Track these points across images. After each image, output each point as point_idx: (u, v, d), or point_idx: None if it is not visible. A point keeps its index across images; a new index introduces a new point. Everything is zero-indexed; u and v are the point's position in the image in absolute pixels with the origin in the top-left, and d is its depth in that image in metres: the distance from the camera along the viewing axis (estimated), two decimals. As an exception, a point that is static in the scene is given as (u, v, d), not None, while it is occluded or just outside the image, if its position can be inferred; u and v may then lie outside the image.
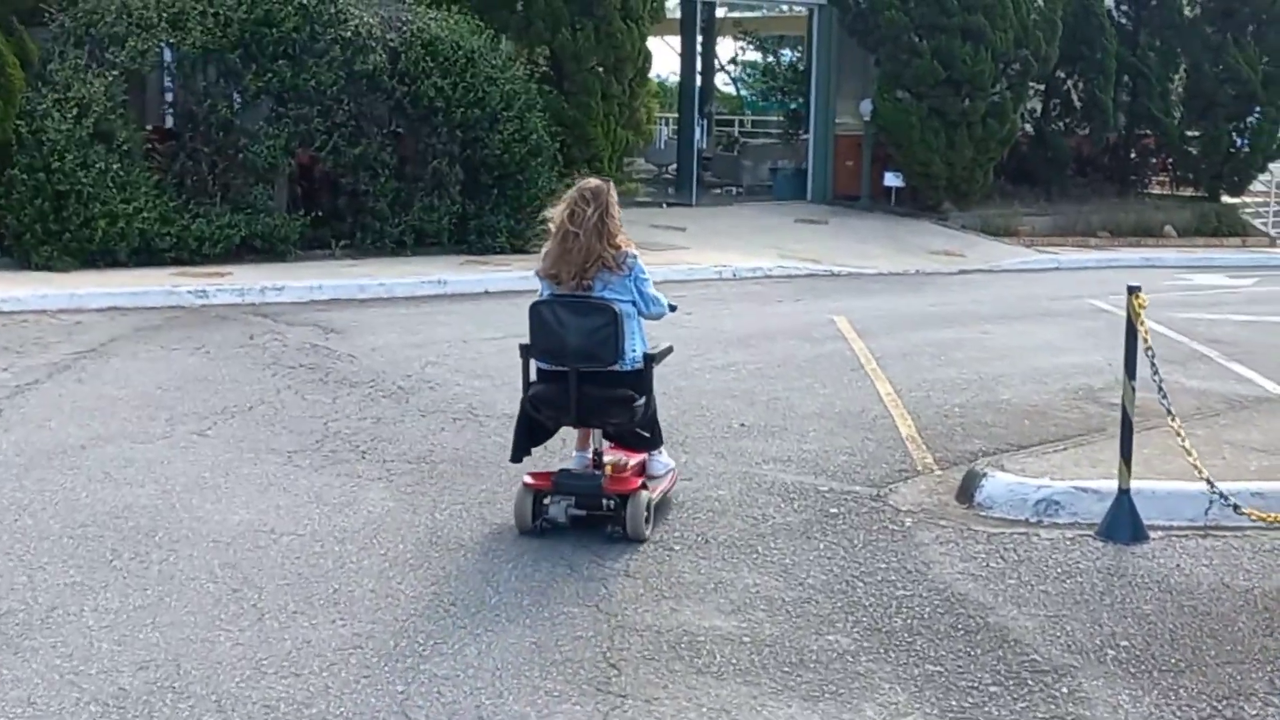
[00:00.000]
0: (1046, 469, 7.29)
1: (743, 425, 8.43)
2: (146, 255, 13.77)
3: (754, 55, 32.37)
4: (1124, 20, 24.97)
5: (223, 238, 14.17)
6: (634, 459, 6.39)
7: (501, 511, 6.46)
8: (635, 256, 6.08)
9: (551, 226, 6.10)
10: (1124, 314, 6.84)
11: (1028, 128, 23.60)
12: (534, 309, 6.00)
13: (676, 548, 6.12)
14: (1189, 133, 25.41)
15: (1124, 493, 6.52)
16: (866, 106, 22.16)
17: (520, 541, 6.11)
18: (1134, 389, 6.72)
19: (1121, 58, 24.16)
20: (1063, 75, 24.08)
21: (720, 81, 35.99)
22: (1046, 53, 21.82)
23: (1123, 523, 6.45)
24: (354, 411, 8.46)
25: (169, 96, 15.96)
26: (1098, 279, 17.73)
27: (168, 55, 15.05)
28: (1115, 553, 6.27)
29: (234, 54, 14.35)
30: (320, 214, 15.34)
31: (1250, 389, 9.96)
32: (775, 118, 28.06)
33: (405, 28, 15.28)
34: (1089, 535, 6.49)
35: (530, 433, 6.35)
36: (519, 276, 14.17)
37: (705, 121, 23.56)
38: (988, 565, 6.06)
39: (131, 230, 13.57)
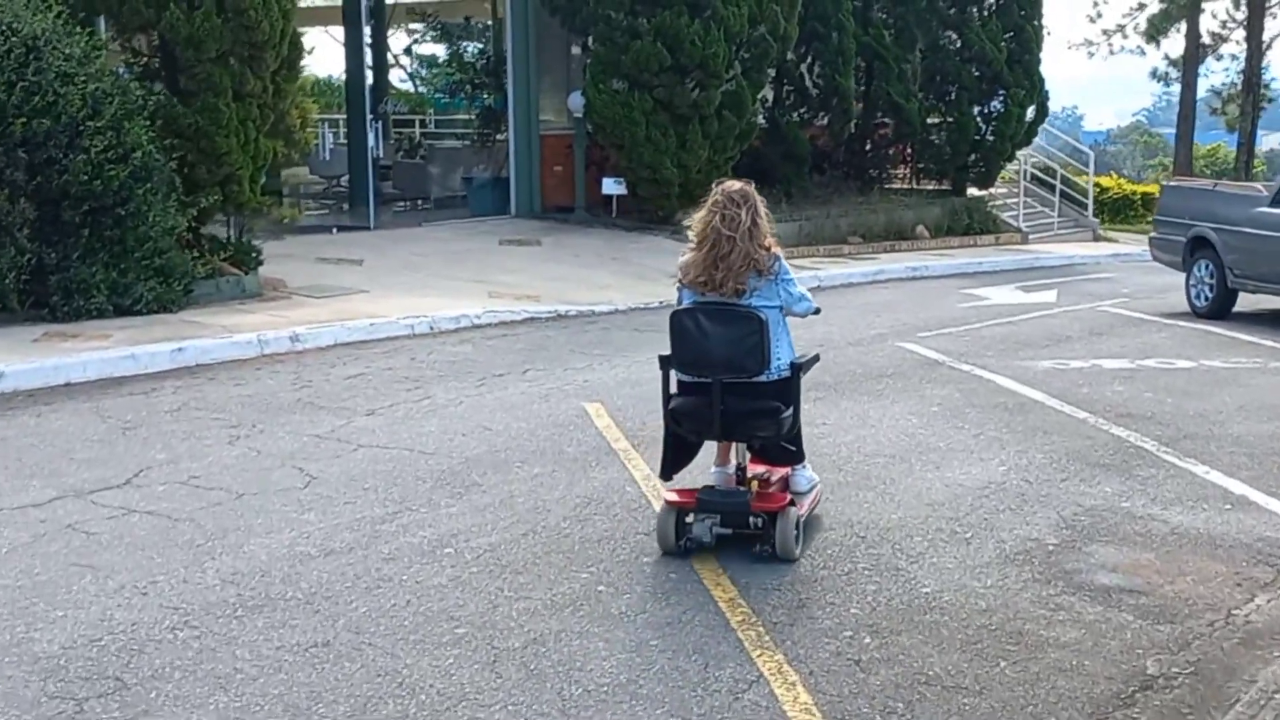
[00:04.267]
0: None
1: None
2: None
3: (437, 45, 27.97)
4: (855, -7, 21.91)
5: None
6: (777, 474, 6.15)
7: None
8: (779, 257, 5.81)
9: (691, 234, 5.84)
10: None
11: (761, 120, 20.20)
12: (675, 318, 5.79)
13: None
14: (931, 120, 22.67)
15: None
16: (577, 100, 18.25)
17: None
18: None
19: (856, 37, 21.10)
20: (794, 59, 20.81)
21: (399, 78, 31.52)
22: (786, 31, 18.40)
23: None
24: None
25: None
26: (880, 304, 14.36)
27: None
28: None
29: None
30: None
31: (1262, 520, 6.46)
32: (466, 116, 23.82)
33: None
34: None
35: (677, 449, 6.06)
36: (124, 355, 9.65)
37: (380, 124, 19.13)
38: None
39: None
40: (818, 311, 5.96)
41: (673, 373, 5.95)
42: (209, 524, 6.28)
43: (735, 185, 5.82)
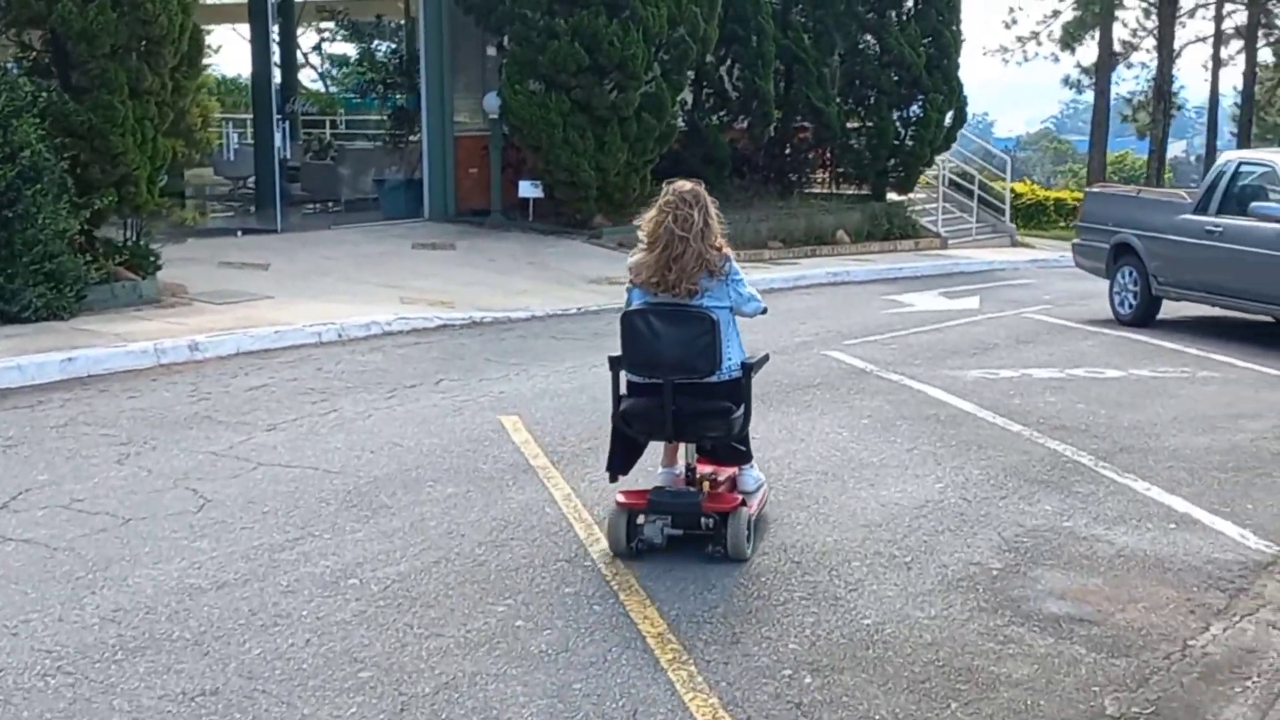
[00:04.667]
0: None
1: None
2: None
3: (349, 44, 27.32)
4: (773, -4, 21.66)
5: None
6: (724, 474, 6.09)
7: None
8: (730, 258, 5.78)
9: (642, 235, 5.78)
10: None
11: (681, 123, 19.87)
12: (626, 319, 5.74)
13: None
14: (850, 124, 22.49)
15: None
16: (492, 101, 17.80)
17: None
18: None
19: (775, 40, 20.85)
20: (714, 61, 20.51)
21: (310, 77, 30.85)
22: (705, 32, 18.09)
23: None
24: None
25: None
26: (804, 310, 14.06)
27: None
28: None
29: None
30: None
31: (1208, 540, 6.19)
32: (379, 117, 23.21)
33: None
34: None
35: (625, 449, 6.00)
36: (8, 366, 9.20)
37: (288, 123, 18.51)
38: None
39: None
40: (765, 311, 5.96)
41: (623, 373, 5.90)
42: (91, 553, 5.77)
43: (686, 185, 5.77)
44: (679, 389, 5.68)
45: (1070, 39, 32.59)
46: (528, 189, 18.20)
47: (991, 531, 6.23)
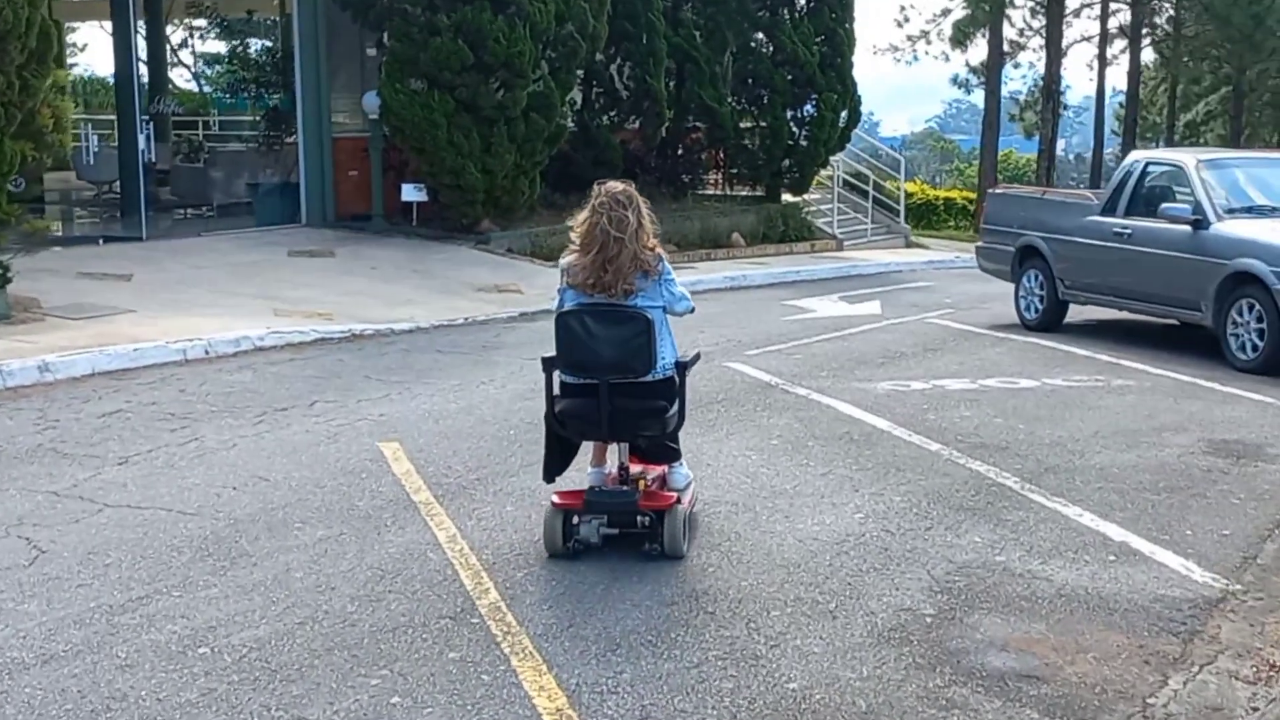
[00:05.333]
0: None
1: None
2: None
3: (221, 41, 26.18)
4: (664, -7, 21.10)
5: None
6: (653, 472, 6.06)
7: None
8: (663, 258, 5.83)
9: (574, 236, 5.77)
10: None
11: (570, 123, 19.23)
12: (562, 319, 5.71)
13: None
14: (744, 125, 22.05)
15: None
16: (372, 101, 17.01)
17: None
18: None
19: (667, 38, 20.32)
20: (604, 59, 19.91)
21: (184, 77, 29.65)
22: (595, 29, 17.47)
23: None
24: None
25: None
26: (701, 317, 13.25)
27: None
28: None
29: None
30: None
31: (1151, 574, 5.70)
32: (252, 118, 22.21)
33: None
34: None
35: (561, 451, 6.01)
36: None
37: (152, 125, 17.45)
38: None
39: None
40: (693, 310, 5.99)
41: (556, 374, 5.88)
42: (-106, 624, 4.97)
43: (618, 186, 5.79)
44: (614, 389, 5.68)
45: (962, 37, 32.50)
46: (411, 193, 17.43)
47: (920, 570, 5.68)
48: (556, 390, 5.89)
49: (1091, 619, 5.17)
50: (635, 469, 6.03)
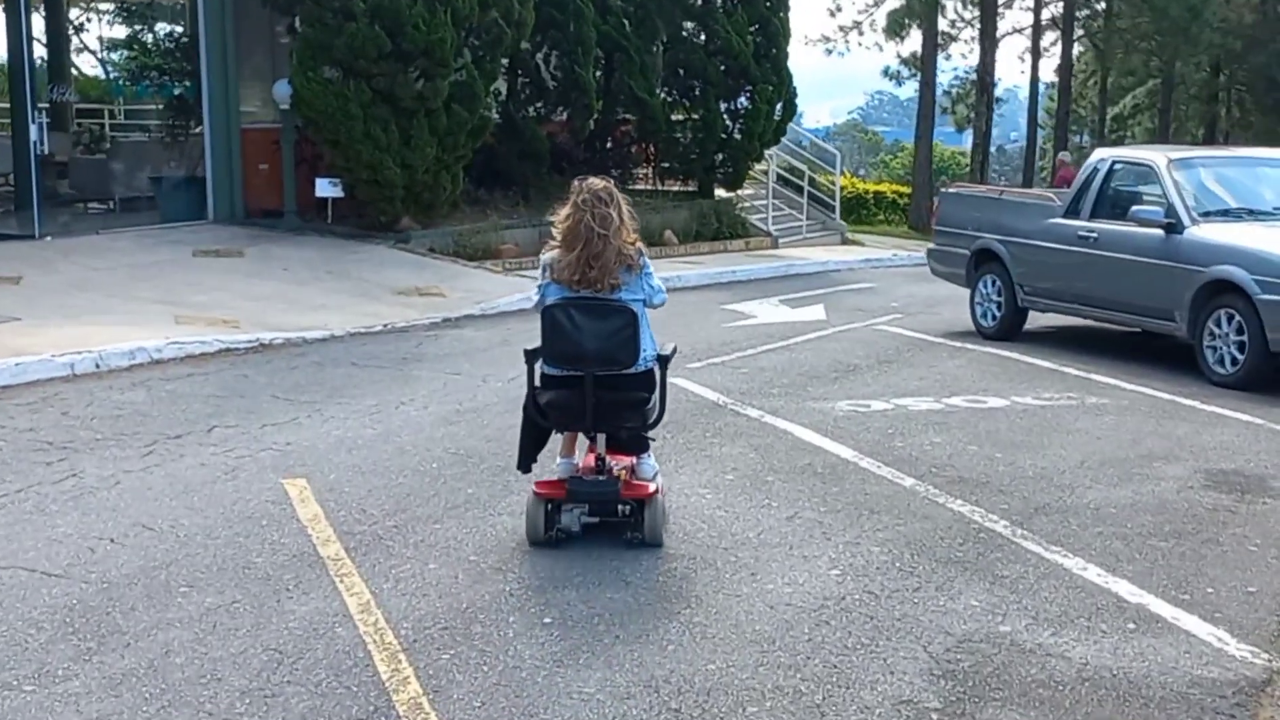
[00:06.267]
0: None
1: None
2: None
3: (124, 25, 24.88)
4: (592, -20, 20.17)
5: None
6: (623, 462, 6.14)
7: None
8: (643, 252, 5.93)
9: (556, 233, 5.85)
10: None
11: (495, 115, 18.27)
12: (548, 313, 5.79)
13: None
14: (676, 117, 21.23)
15: None
16: (283, 89, 15.97)
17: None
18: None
19: (595, 26, 19.42)
20: (530, 48, 18.97)
21: (91, 63, 28.23)
22: (520, 16, 16.55)
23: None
24: None
25: None
26: (637, 324, 12.61)
27: None
28: None
29: None
30: None
31: (1179, 648, 4.92)
32: (157, 107, 20.99)
33: None
34: None
35: (535, 439, 6.16)
36: None
37: (46, 113, 16.27)
38: None
39: None
40: (665, 302, 6.09)
41: (538, 365, 5.95)
42: None
43: (599, 183, 5.86)
44: (598, 381, 5.77)
45: (897, 27, 31.90)
46: (326, 188, 16.42)
47: (914, 645, 4.87)
48: (538, 382, 5.94)
49: (1124, 711, 4.38)
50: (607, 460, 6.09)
